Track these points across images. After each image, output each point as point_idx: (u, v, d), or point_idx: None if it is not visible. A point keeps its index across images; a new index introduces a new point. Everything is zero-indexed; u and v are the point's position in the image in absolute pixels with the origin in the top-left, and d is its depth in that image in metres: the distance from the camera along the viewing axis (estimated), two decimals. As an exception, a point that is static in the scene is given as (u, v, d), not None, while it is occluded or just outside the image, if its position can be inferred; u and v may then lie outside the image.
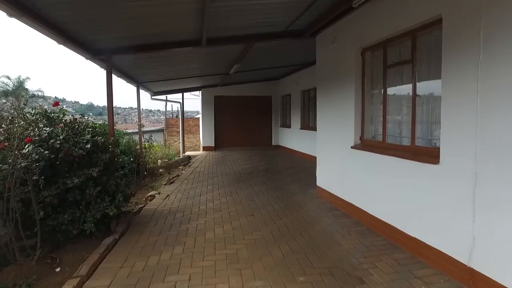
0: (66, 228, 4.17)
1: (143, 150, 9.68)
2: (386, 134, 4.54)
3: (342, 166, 5.54)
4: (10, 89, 41.20)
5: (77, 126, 4.69)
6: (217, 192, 7.13)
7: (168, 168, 11.38)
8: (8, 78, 36.36)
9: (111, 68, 5.71)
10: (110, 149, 5.15)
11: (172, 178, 9.07)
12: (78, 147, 4.38)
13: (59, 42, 4.45)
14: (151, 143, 10.23)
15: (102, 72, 5.99)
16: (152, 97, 14.23)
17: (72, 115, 4.88)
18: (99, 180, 4.60)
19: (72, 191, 4.25)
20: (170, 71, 9.24)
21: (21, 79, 41.83)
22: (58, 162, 4.26)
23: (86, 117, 5.12)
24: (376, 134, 4.99)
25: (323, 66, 6.36)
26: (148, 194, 7.10)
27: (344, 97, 5.45)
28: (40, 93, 43.46)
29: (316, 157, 9.51)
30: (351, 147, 5.15)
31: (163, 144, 21.77)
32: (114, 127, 10.98)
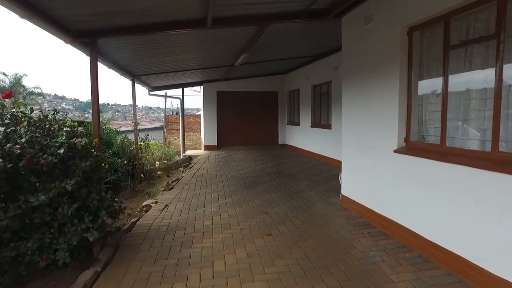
0: (31, 259, 3.17)
1: (139, 150, 8.67)
2: (446, 136, 3.53)
3: (380, 173, 4.53)
4: (7, 85, 40.13)
5: (48, 126, 3.67)
6: (223, 201, 6.12)
7: (167, 170, 10.37)
8: (5, 74, 35.29)
9: (97, 55, 4.69)
10: (94, 153, 4.14)
11: (172, 182, 8.06)
12: (48, 152, 3.37)
13: (22, 16, 3.43)
14: (148, 143, 9.20)
15: (102, 68, 4.97)
16: (150, 92, 13.22)
17: (41, 111, 3.86)
18: (77, 194, 3.60)
19: (39, 210, 3.25)
20: (169, 62, 8.21)
21: (18, 75, 40.79)
22: (23, 173, 3.26)
23: (63, 114, 4.09)
24: (427, 135, 3.98)
25: (352, 53, 5.33)
26: (143, 204, 6.09)
27: (383, 90, 4.43)
28: (37, 90, 42.39)
29: (329, 157, 8.56)
30: (394, 151, 4.13)
31: (162, 143, 20.86)
32: (108, 126, 10.04)
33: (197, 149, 22.65)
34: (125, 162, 7.65)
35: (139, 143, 8.89)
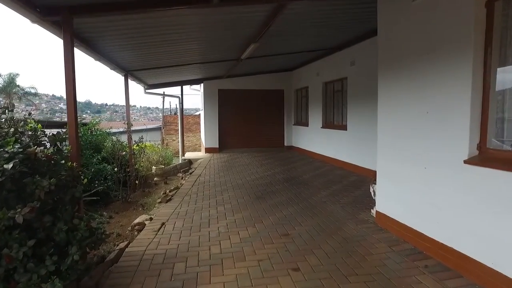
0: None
1: (133, 155, 7.64)
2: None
3: (437, 189, 3.51)
4: (1, 85, 38.96)
5: (-5, 129, 2.65)
6: (231, 217, 5.10)
7: (165, 176, 9.34)
8: (-2, 74, 34.26)
9: (72, 38, 3.66)
10: (69, 164, 3.12)
11: (170, 192, 7.03)
12: (-10, 168, 2.35)
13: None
14: (142, 146, 8.18)
15: (100, 68, 3.93)
16: (146, 90, 12.19)
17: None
18: (38, 224, 2.59)
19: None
20: (166, 55, 7.19)
21: (12, 75, 39.61)
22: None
23: (16, 113, 3.06)
24: (510, 140, 2.98)
25: (394, 38, 4.31)
26: (136, 221, 5.06)
27: (443, 82, 3.42)
28: (33, 90, 41.24)
29: (344, 162, 7.68)
30: (465, 162, 3.12)
31: (160, 144, 19.83)
32: (98, 127, 8.98)
33: (197, 151, 21.63)
34: (116, 169, 6.61)
35: (132, 146, 7.86)
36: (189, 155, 13.94)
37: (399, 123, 4.16)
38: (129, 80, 8.29)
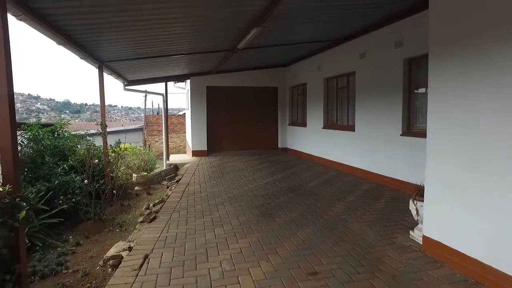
0: None
1: (109, 162, 6.38)
2: None
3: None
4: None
5: None
6: (236, 246, 3.95)
7: (148, 185, 8.11)
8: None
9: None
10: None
11: (154, 206, 5.82)
12: None
13: None
14: (120, 150, 6.92)
15: (81, 66, 2.71)
16: (126, 87, 10.91)
17: None
18: None
19: None
20: (146, 40, 5.97)
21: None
22: None
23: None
24: None
25: (455, 10, 3.28)
26: (110, 254, 3.84)
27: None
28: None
29: (352, 167, 6.72)
30: None
31: (141, 146, 18.44)
32: (67, 129, 7.61)
33: (181, 153, 20.30)
34: (86, 181, 5.35)
35: (109, 151, 6.58)
36: (174, 158, 12.67)
37: (468, 122, 3.12)
38: (104, 74, 7.01)
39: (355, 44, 7.84)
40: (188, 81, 12.37)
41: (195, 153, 11.99)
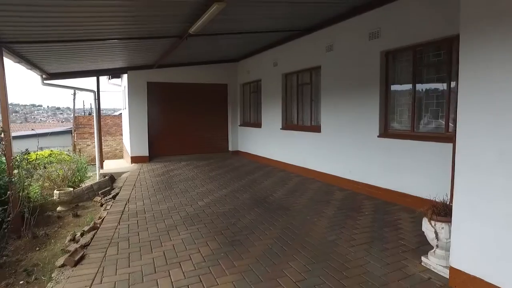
0: None
1: (11, 181, 4.70)
2: None
3: None
4: None
5: None
6: (203, 299, 2.79)
7: (75, 202, 6.45)
8: None
9: None
10: None
11: (82, 237, 4.35)
12: None
13: None
14: (32, 161, 5.25)
15: None
16: (46, 81, 8.95)
17: None
18: None
19: None
20: (64, 15, 4.46)
21: None
22: None
23: None
24: None
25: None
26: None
27: None
28: None
29: (319, 172, 5.99)
30: None
31: (70, 151, 15.99)
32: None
33: (118, 158, 18.12)
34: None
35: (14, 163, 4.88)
36: (110, 166, 10.83)
37: None
38: (6, 60, 5.27)
39: (320, 35, 7.05)
40: (125, 76, 10.66)
41: (134, 159, 10.33)
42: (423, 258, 3.30)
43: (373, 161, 5.82)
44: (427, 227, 3.17)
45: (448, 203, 4.35)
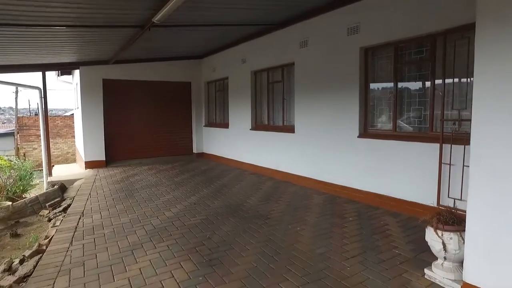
0: None
1: None
2: None
3: None
4: None
5: None
6: None
7: (14, 219, 5.51)
8: None
9: None
10: None
11: (21, 265, 3.57)
12: None
13: None
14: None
15: None
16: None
17: None
18: None
19: None
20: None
21: None
22: None
23: None
24: None
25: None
26: None
27: None
28: None
29: (293, 175, 5.98)
30: None
31: (12, 156, 14.37)
32: None
33: (70, 162, 16.61)
34: None
35: None
36: (60, 172, 9.70)
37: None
38: None
39: (294, 30, 6.69)
40: (77, 72, 9.61)
41: (89, 164, 9.33)
42: (426, 271, 3.00)
43: (353, 162, 5.56)
44: (433, 238, 2.86)
45: (436, 205, 4.15)
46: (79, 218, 4.91)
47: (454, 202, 4.18)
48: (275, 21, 6.68)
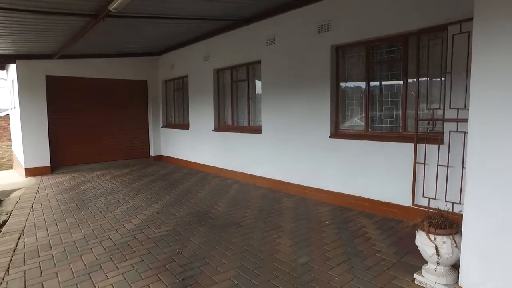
0: None
1: None
2: None
3: None
4: None
5: None
6: None
7: None
8: None
9: None
10: None
11: None
12: None
13: None
14: None
15: None
16: None
17: None
18: None
19: None
20: None
21: None
22: None
23: None
24: None
25: None
26: None
27: None
28: None
29: (260, 177, 5.96)
30: None
31: None
32: None
33: (5, 169, 14.84)
34: None
35: None
36: (-7, 181, 8.51)
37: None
38: None
39: (261, 27, 6.42)
40: (13, 66, 8.50)
41: (30, 172, 8.28)
42: (416, 276, 2.88)
43: (325, 163, 5.42)
44: (424, 242, 2.73)
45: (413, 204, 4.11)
46: (19, 238, 4.19)
47: (429, 201, 4.21)
48: (242, 16, 6.36)
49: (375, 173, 4.78)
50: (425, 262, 2.88)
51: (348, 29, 4.96)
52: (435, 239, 2.67)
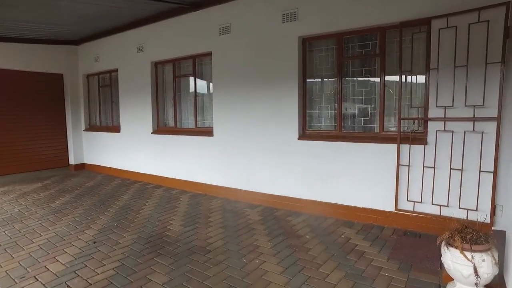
0: None
1: None
2: None
3: None
4: None
5: None
6: None
7: None
8: None
9: None
10: None
11: None
12: None
13: None
14: None
15: None
16: None
17: None
18: None
19: None
20: None
21: None
22: None
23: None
24: None
25: None
26: None
27: None
28: None
29: (209, 185, 5.95)
30: None
31: None
32: None
33: None
34: None
35: None
36: None
37: None
38: None
39: (212, 13, 5.60)
40: None
41: None
42: (446, 302, 2.46)
43: (293, 168, 4.87)
44: (459, 261, 2.32)
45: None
46: None
47: (414, 205, 3.94)
48: (187, 0, 5.45)
49: (350, 177, 4.39)
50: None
51: (318, 20, 4.47)
52: (472, 257, 2.26)
